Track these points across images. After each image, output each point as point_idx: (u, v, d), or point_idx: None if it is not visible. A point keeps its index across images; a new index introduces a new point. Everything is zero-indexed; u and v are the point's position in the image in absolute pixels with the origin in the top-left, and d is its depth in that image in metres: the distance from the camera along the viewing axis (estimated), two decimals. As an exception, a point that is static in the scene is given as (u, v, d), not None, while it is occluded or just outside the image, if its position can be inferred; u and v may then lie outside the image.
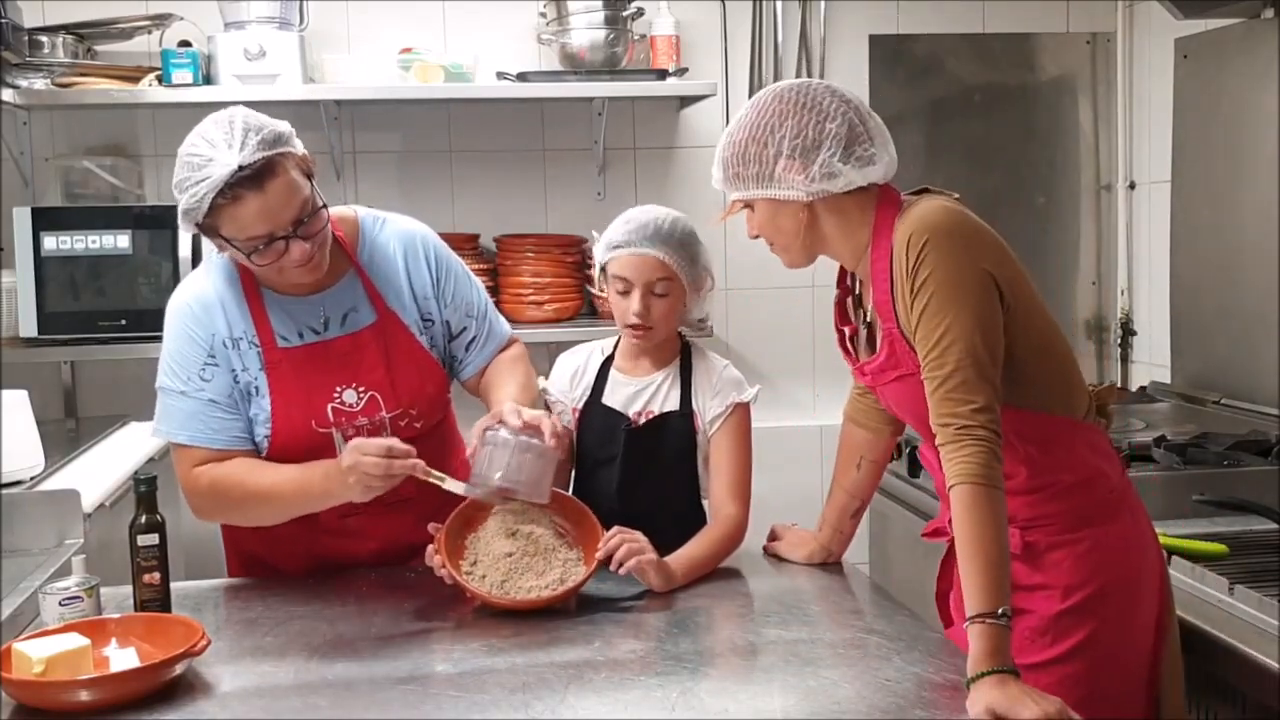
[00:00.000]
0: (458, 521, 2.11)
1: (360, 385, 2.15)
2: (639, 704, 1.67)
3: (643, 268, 2.22)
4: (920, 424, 1.95)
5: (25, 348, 3.27)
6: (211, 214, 1.96)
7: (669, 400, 2.31)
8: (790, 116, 1.85)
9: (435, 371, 2.25)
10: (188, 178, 1.96)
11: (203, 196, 1.94)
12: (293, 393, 2.13)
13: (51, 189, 3.51)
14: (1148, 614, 1.91)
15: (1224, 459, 2.69)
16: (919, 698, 1.67)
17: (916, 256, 1.79)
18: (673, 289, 2.25)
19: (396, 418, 2.17)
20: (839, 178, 1.85)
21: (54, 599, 1.90)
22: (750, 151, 1.87)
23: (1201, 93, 3.49)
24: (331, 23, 3.61)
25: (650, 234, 2.23)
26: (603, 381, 2.35)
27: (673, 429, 2.30)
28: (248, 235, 1.98)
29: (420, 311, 2.24)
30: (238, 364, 2.13)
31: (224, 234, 2.00)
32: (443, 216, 3.70)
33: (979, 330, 1.75)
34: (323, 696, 1.73)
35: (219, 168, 1.93)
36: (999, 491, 1.70)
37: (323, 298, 2.16)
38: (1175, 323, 3.67)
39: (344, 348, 2.15)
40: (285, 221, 1.99)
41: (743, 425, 2.32)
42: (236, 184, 1.93)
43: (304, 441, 2.12)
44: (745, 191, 1.90)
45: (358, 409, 2.15)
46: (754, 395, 2.35)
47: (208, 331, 2.14)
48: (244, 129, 1.96)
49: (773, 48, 3.79)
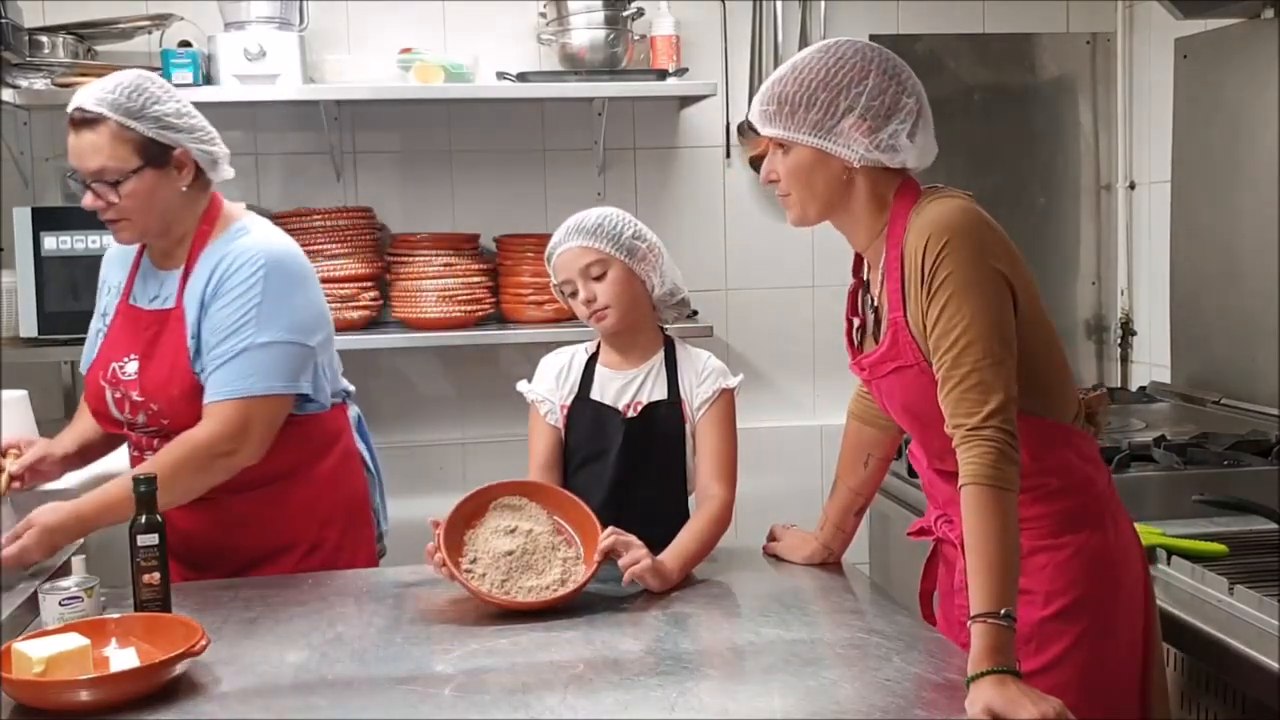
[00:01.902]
0: (456, 517, 2.11)
1: (138, 359, 2.29)
2: (639, 704, 1.67)
3: (571, 261, 2.31)
4: (913, 420, 1.95)
5: (25, 348, 3.26)
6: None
7: (656, 391, 2.35)
8: (872, 76, 1.82)
9: (188, 377, 2.23)
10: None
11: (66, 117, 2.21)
12: (111, 344, 2.34)
13: (51, 189, 3.51)
14: (1133, 625, 1.91)
15: (1224, 459, 2.69)
16: (919, 698, 1.67)
17: (935, 257, 1.78)
18: (608, 267, 2.30)
19: (139, 404, 2.28)
20: (899, 153, 1.84)
21: (54, 599, 1.90)
22: (820, 97, 1.82)
23: (1201, 93, 3.49)
24: (331, 23, 3.61)
25: (569, 231, 2.33)
26: (589, 378, 2.38)
27: (663, 416, 2.34)
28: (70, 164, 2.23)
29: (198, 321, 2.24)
30: (106, 308, 2.40)
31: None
32: (443, 216, 3.71)
33: (996, 331, 1.75)
34: (323, 696, 1.73)
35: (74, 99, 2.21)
36: (1009, 493, 1.70)
37: (165, 275, 2.32)
38: (1175, 323, 3.66)
39: (147, 320, 2.30)
40: (84, 170, 2.20)
41: (728, 410, 2.35)
42: (70, 118, 2.21)
43: (93, 387, 2.36)
44: (794, 134, 1.85)
45: (126, 379, 2.30)
46: (739, 382, 2.38)
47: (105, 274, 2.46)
48: (115, 85, 2.20)
49: (773, 48, 3.79)
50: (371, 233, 3.52)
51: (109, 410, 2.33)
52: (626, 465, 2.33)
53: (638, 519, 2.22)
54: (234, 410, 2.19)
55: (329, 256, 3.40)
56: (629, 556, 2.09)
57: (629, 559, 2.09)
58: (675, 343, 2.41)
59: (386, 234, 3.63)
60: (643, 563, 2.09)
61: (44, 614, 1.92)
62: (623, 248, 2.30)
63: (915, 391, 1.87)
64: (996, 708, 1.55)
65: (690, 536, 2.22)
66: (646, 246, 2.33)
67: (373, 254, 3.49)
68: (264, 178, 3.65)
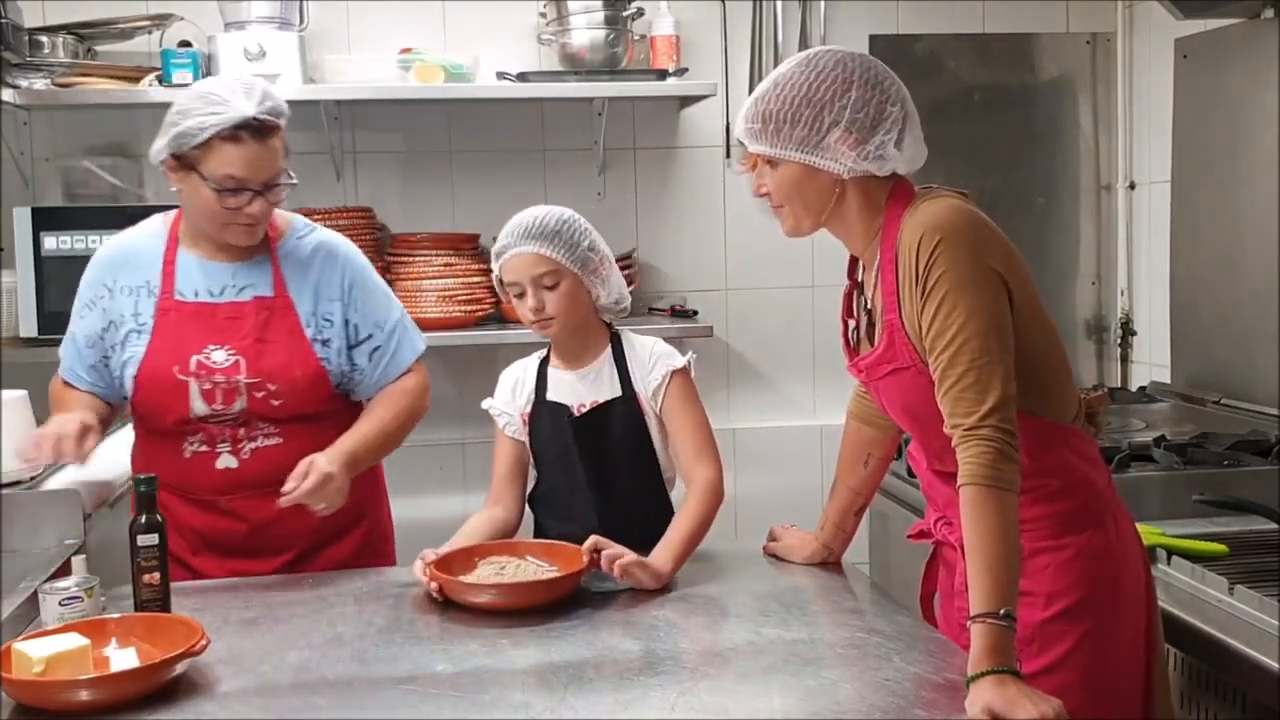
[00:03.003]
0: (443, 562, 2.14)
1: (230, 347, 2.30)
2: (639, 704, 1.67)
3: (524, 266, 2.27)
4: (912, 420, 1.94)
5: (25, 348, 3.26)
6: (203, 147, 2.18)
7: (609, 389, 2.34)
8: (854, 88, 1.82)
9: (309, 361, 2.35)
10: (197, 109, 2.20)
11: (208, 127, 2.17)
12: (169, 339, 2.30)
13: (51, 189, 3.51)
14: (1135, 625, 1.90)
15: (1224, 459, 2.69)
16: (919, 698, 1.67)
17: (929, 256, 1.78)
18: (561, 278, 2.27)
19: (254, 386, 2.30)
20: (887, 162, 1.84)
21: (54, 599, 1.90)
22: (804, 113, 1.82)
23: (1201, 93, 3.49)
24: (331, 23, 3.61)
25: (524, 232, 2.28)
26: (544, 383, 2.38)
27: (617, 414, 2.33)
28: (226, 174, 2.19)
29: (319, 310, 2.37)
30: (128, 309, 2.34)
31: (202, 169, 2.20)
32: (443, 216, 3.71)
33: (992, 330, 1.75)
34: (323, 696, 1.73)
35: (234, 110, 2.18)
36: (1008, 493, 1.70)
37: (234, 268, 2.34)
38: (1175, 323, 3.66)
39: (227, 312, 2.32)
40: (261, 178, 2.22)
41: (686, 389, 2.34)
42: (243, 128, 2.18)
43: (162, 383, 2.30)
44: (780, 150, 1.84)
45: (219, 367, 2.29)
46: (688, 360, 2.36)
47: (109, 278, 2.36)
48: (263, 91, 2.23)
49: (773, 48, 3.78)
50: (371, 233, 3.52)
51: (186, 405, 2.29)
52: (591, 463, 2.33)
53: (620, 518, 2.24)
54: (420, 366, 2.48)
55: (329, 256, 3.40)
56: (610, 553, 2.09)
57: (610, 554, 2.09)
58: (621, 336, 2.40)
59: (386, 234, 3.63)
60: (626, 557, 2.09)
61: (44, 614, 1.92)
62: (577, 259, 2.27)
63: (913, 393, 1.87)
64: (996, 708, 1.55)
65: (682, 524, 2.22)
66: (599, 259, 2.31)
67: (373, 254, 3.46)
68: (264, 178, 3.64)
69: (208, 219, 2.27)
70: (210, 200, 2.22)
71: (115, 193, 3.49)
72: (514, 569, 2.13)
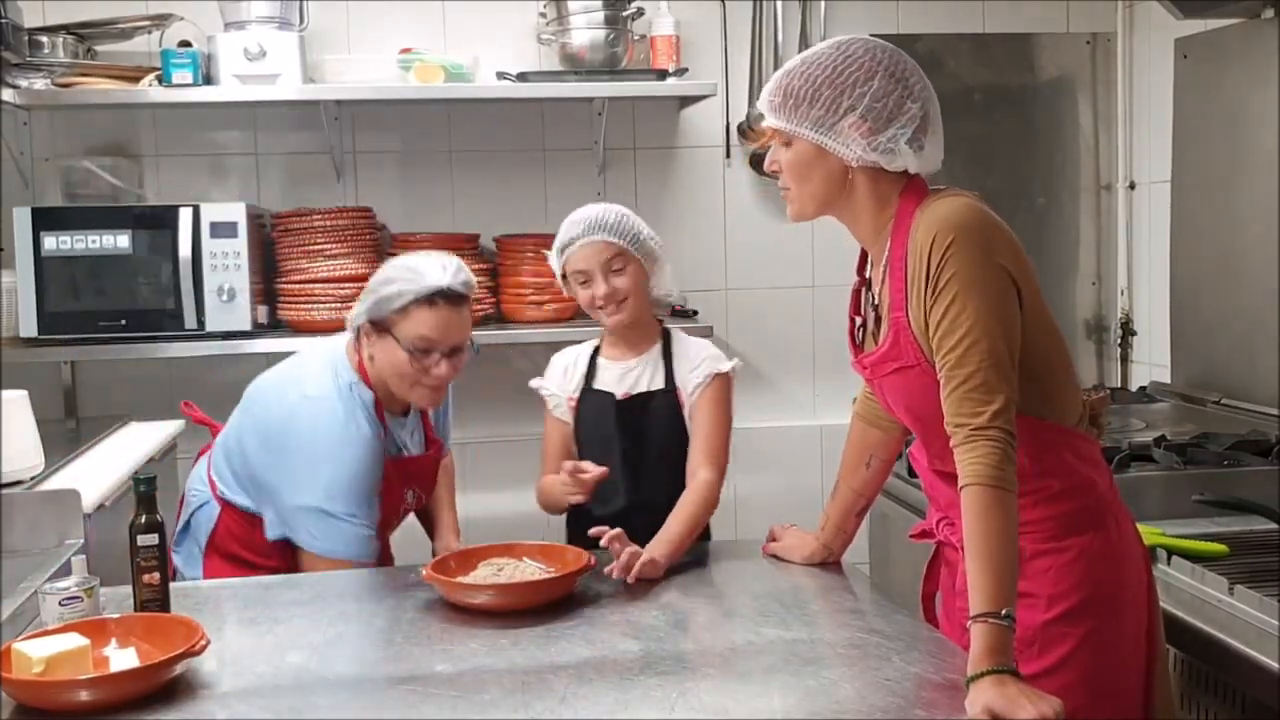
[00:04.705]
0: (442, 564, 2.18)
1: (417, 490, 2.59)
2: (639, 704, 1.67)
3: (594, 254, 2.42)
4: (915, 419, 1.94)
5: (25, 348, 3.26)
6: (400, 312, 2.35)
7: (654, 381, 2.47)
8: (877, 78, 1.82)
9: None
10: (398, 278, 2.38)
11: (408, 294, 2.35)
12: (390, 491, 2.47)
13: (51, 189, 3.51)
14: (1136, 626, 1.90)
15: (1224, 459, 2.69)
16: (919, 698, 1.67)
17: (941, 255, 1.77)
18: (628, 265, 2.43)
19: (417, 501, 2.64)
20: (897, 157, 1.84)
21: (54, 599, 1.90)
22: (824, 94, 1.82)
23: (1201, 93, 3.49)
24: (331, 23, 3.61)
25: (592, 225, 2.43)
26: (593, 370, 2.51)
27: (659, 404, 2.44)
28: (419, 336, 2.35)
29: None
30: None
31: (396, 332, 2.36)
32: (443, 216, 3.71)
33: (1001, 330, 1.75)
34: (323, 696, 1.73)
35: (434, 279, 2.36)
36: (1009, 494, 1.70)
37: (404, 421, 2.55)
38: (1175, 323, 3.66)
39: (417, 464, 2.57)
40: (451, 342, 2.39)
41: (720, 394, 2.45)
42: (441, 296, 2.36)
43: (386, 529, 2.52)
44: (795, 127, 1.85)
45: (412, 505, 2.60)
46: (733, 366, 2.47)
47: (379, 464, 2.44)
48: (458, 265, 2.42)
49: (773, 48, 3.79)
50: (371, 233, 3.52)
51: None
52: (629, 449, 2.44)
53: (651, 505, 2.33)
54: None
55: (329, 256, 3.40)
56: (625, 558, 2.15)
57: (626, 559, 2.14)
58: (672, 334, 2.52)
59: (386, 234, 3.63)
60: (639, 564, 2.14)
61: (44, 614, 1.92)
62: (641, 247, 2.44)
63: (917, 392, 1.87)
64: (996, 708, 1.55)
65: (677, 523, 2.29)
66: (658, 249, 2.47)
67: (373, 254, 3.48)
68: (264, 178, 3.65)
69: (398, 379, 2.40)
70: (403, 362, 2.37)
71: (115, 193, 3.49)
72: (512, 570, 2.14)
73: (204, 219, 3.26)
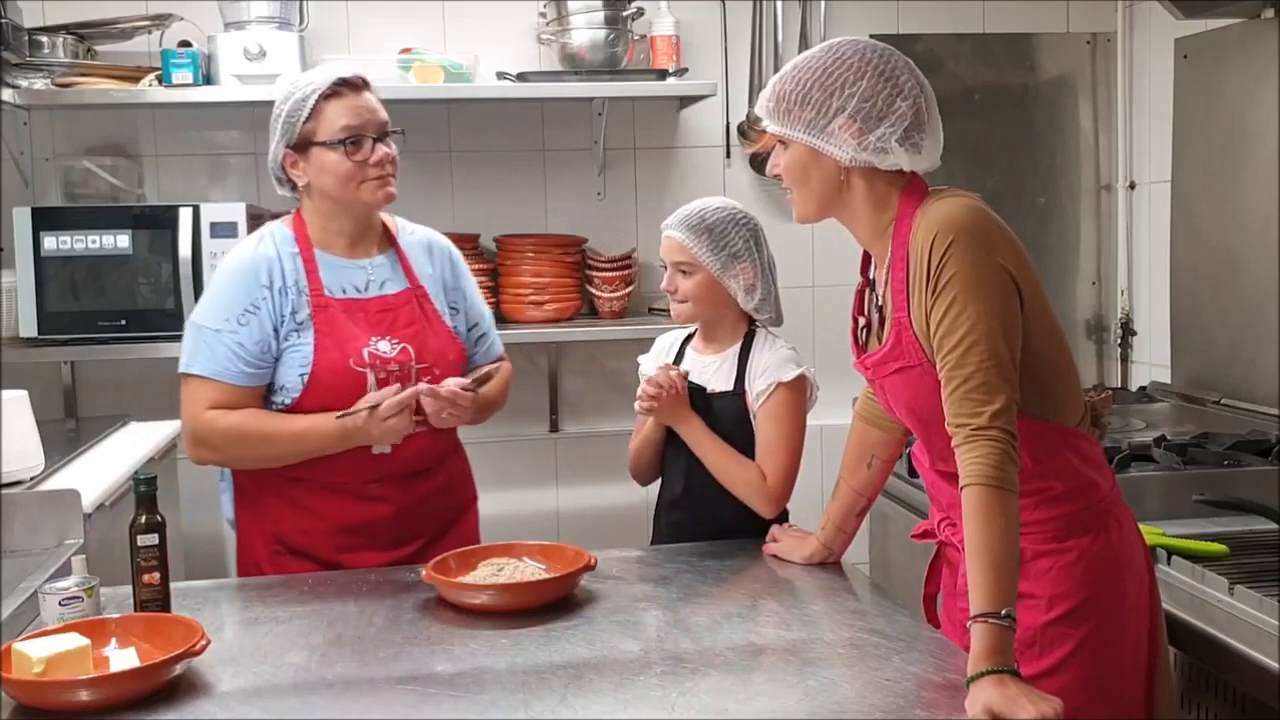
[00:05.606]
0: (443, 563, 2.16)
1: (394, 338, 2.39)
2: (639, 704, 1.67)
3: (668, 249, 2.45)
4: (917, 420, 1.94)
5: (25, 348, 3.26)
6: (311, 117, 2.31)
7: (726, 381, 2.46)
8: (866, 78, 1.83)
9: (456, 344, 2.49)
10: (292, 94, 2.33)
11: (308, 97, 2.31)
12: (334, 335, 2.35)
13: (51, 189, 3.51)
14: (1138, 627, 1.90)
15: (1224, 459, 2.69)
16: (919, 698, 1.67)
17: (941, 255, 1.77)
18: (696, 270, 2.41)
19: (424, 371, 2.40)
20: (889, 156, 1.84)
21: (54, 599, 1.90)
22: (814, 96, 1.83)
23: (1201, 93, 3.49)
24: (331, 23, 3.61)
25: (681, 220, 2.44)
26: (681, 357, 2.55)
27: (723, 405, 2.44)
28: (342, 126, 2.31)
29: (448, 299, 2.52)
30: (285, 309, 2.35)
31: (318, 139, 2.31)
32: (443, 216, 3.70)
33: (1001, 331, 1.75)
34: (323, 696, 1.73)
35: (321, 78, 2.33)
36: (1010, 494, 1.70)
37: (367, 263, 2.44)
38: (1175, 323, 3.66)
39: (379, 306, 2.41)
40: (376, 124, 2.34)
41: (781, 403, 2.42)
42: (338, 84, 2.32)
43: (340, 378, 2.33)
44: (789, 131, 1.86)
45: (390, 356, 2.37)
46: (796, 375, 2.42)
47: (257, 283, 2.35)
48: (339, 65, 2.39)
49: (773, 48, 3.79)
50: (371, 233, 3.51)
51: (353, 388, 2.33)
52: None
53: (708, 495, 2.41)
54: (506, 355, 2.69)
55: (329, 256, 3.39)
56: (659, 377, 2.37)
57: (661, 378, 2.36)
58: (756, 334, 2.49)
59: (386, 234, 3.63)
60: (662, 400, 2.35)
61: (44, 614, 1.92)
62: (717, 260, 2.39)
63: (918, 392, 1.87)
64: (996, 708, 1.55)
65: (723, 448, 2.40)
66: (741, 266, 2.41)
67: (373, 254, 3.48)
68: (264, 178, 3.61)
69: (341, 184, 2.33)
70: (337, 162, 2.31)
71: (115, 193, 3.49)
72: (512, 570, 2.14)
73: (204, 219, 3.26)
